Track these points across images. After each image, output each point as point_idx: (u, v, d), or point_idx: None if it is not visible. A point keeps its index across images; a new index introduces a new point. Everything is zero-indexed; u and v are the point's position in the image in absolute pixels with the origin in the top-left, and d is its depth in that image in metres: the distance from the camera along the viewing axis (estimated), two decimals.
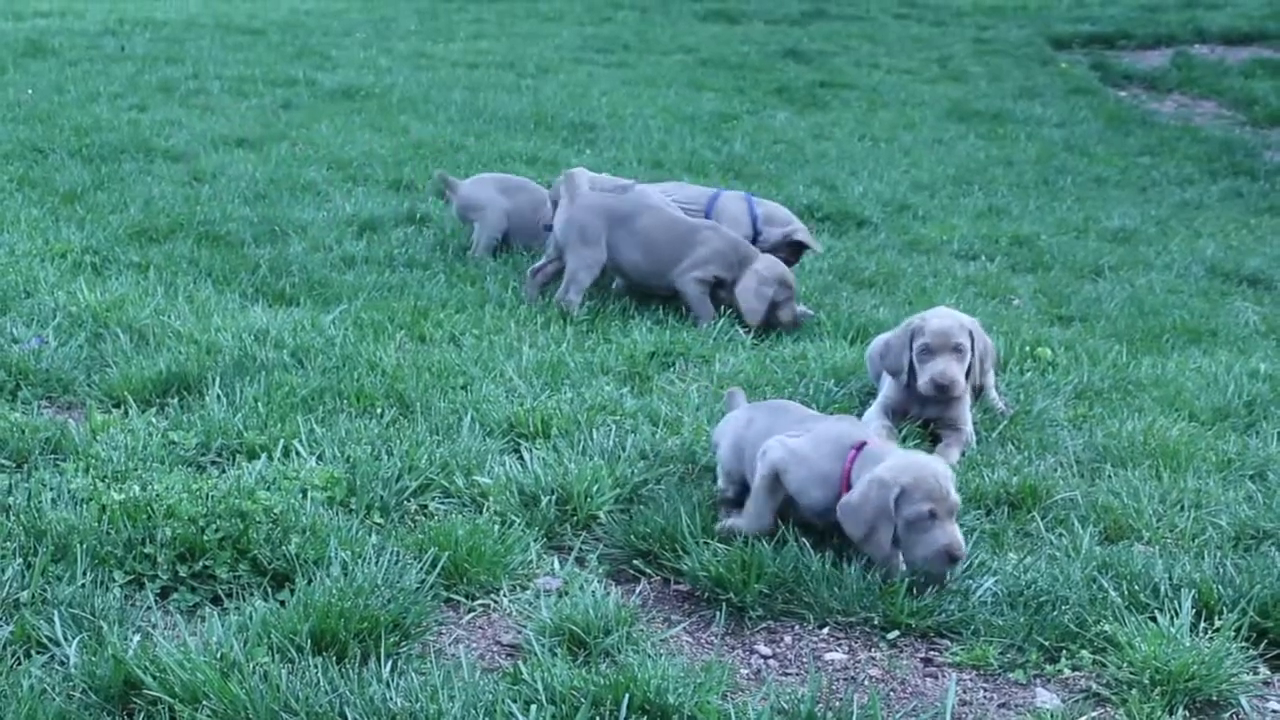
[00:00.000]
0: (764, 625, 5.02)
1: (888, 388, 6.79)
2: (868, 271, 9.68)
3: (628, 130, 14.39)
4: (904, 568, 5.18)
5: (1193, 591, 5.02)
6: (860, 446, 5.41)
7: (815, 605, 5.05)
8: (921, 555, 5.11)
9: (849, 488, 5.28)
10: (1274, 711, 4.62)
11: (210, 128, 13.35)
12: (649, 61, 19.51)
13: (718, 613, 5.04)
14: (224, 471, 5.76)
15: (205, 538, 5.02)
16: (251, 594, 4.88)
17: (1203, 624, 4.88)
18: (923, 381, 6.57)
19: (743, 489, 5.70)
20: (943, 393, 6.54)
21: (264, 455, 5.90)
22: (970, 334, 6.66)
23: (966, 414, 6.65)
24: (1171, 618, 4.85)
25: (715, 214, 9.02)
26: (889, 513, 5.11)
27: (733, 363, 7.46)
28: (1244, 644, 4.82)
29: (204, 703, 4.16)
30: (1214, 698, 4.57)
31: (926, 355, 6.60)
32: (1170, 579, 5.13)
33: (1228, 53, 21.89)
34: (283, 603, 4.77)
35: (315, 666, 4.35)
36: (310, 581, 4.85)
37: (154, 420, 6.30)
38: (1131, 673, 4.63)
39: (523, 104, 15.49)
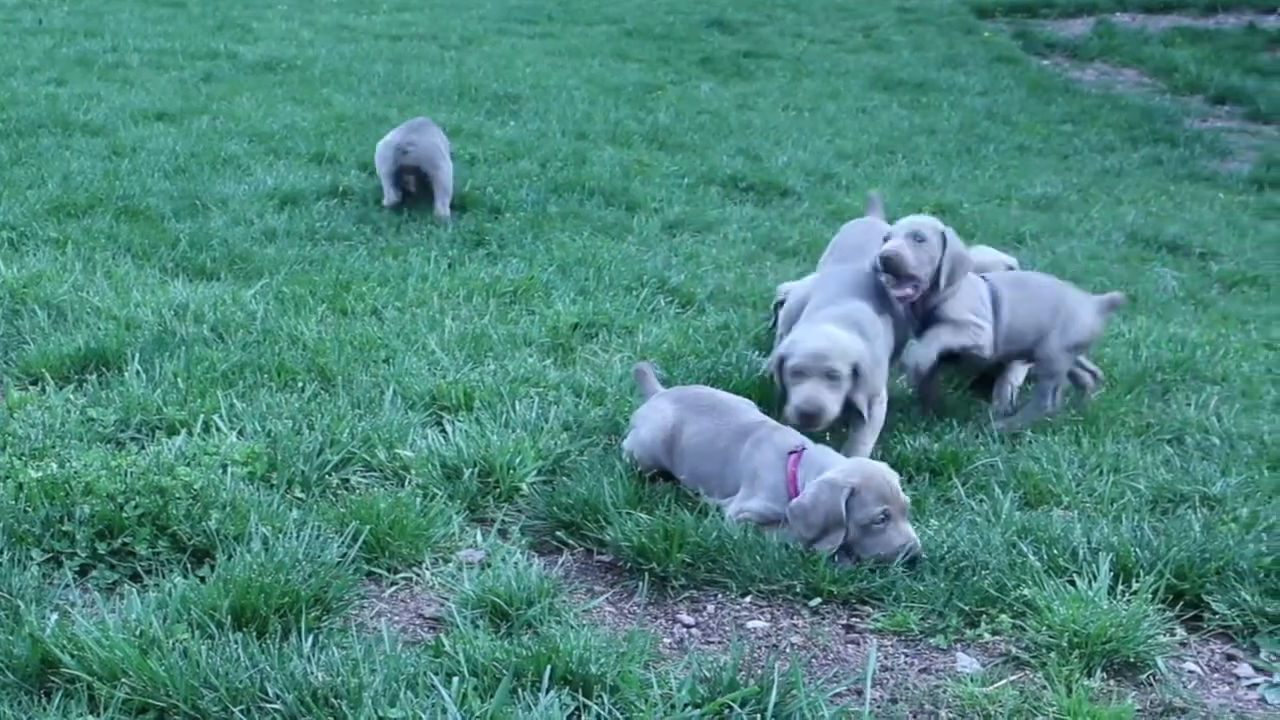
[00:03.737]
0: (687, 594, 5.04)
1: None
2: (791, 241, 9.69)
3: (552, 101, 14.34)
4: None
5: (1111, 555, 5.07)
6: (799, 451, 5.44)
7: (738, 574, 5.07)
8: (880, 557, 5.13)
9: (796, 492, 5.31)
10: (1190, 671, 4.69)
11: (129, 101, 13.20)
12: (573, 32, 19.45)
13: (640, 583, 5.06)
14: (143, 448, 5.72)
15: (124, 514, 4.99)
16: (171, 570, 4.85)
17: (1120, 587, 4.94)
18: (789, 409, 5.96)
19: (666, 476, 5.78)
20: (808, 422, 5.90)
21: (184, 431, 5.87)
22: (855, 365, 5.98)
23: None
24: (1090, 581, 4.91)
25: None
26: (840, 516, 5.13)
27: (656, 333, 7.46)
28: (1161, 606, 4.88)
29: (123, 680, 4.13)
30: (1131, 659, 4.62)
31: (796, 378, 5.99)
32: (1089, 543, 5.19)
33: (1148, 21, 22.04)
34: (203, 579, 4.74)
35: (235, 642, 4.33)
36: (230, 557, 4.83)
37: (72, 397, 6.25)
38: (1050, 636, 4.67)
39: (446, 76, 15.41)
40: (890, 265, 6.34)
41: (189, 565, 4.90)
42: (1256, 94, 16.93)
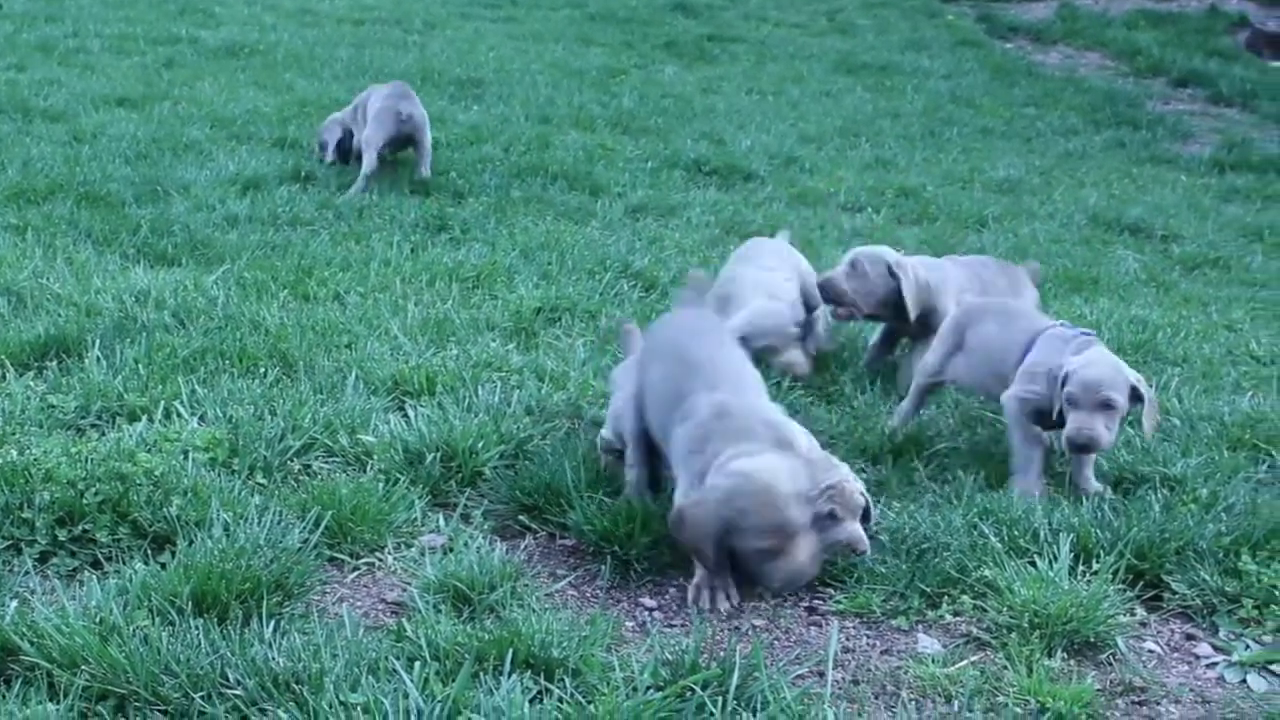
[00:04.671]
0: (649, 578, 5.04)
1: None
2: (755, 225, 9.70)
3: (515, 86, 14.32)
4: None
5: (1071, 535, 5.09)
6: None
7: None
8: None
9: None
10: (1150, 651, 4.71)
11: (90, 87, 13.12)
12: (537, 16, 19.41)
13: (603, 566, 5.06)
14: (104, 434, 5.69)
15: (85, 501, 4.96)
16: (132, 557, 4.82)
17: (1081, 567, 4.96)
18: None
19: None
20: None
21: (145, 417, 5.84)
22: None
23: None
24: (1050, 561, 4.92)
25: None
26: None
27: (619, 317, 7.46)
28: (1121, 586, 4.91)
29: (83, 667, 4.11)
30: (1091, 639, 4.64)
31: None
32: (1049, 523, 5.20)
33: (1111, 4, 22.08)
34: (163, 565, 4.71)
35: (196, 628, 4.31)
36: (191, 543, 4.80)
37: (32, 384, 6.21)
38: (1011, 616, 4.69)
39: (409, 60, 15.37)
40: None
41: (150, 552, 4.88)
42: (1218, 77, 17.02)
